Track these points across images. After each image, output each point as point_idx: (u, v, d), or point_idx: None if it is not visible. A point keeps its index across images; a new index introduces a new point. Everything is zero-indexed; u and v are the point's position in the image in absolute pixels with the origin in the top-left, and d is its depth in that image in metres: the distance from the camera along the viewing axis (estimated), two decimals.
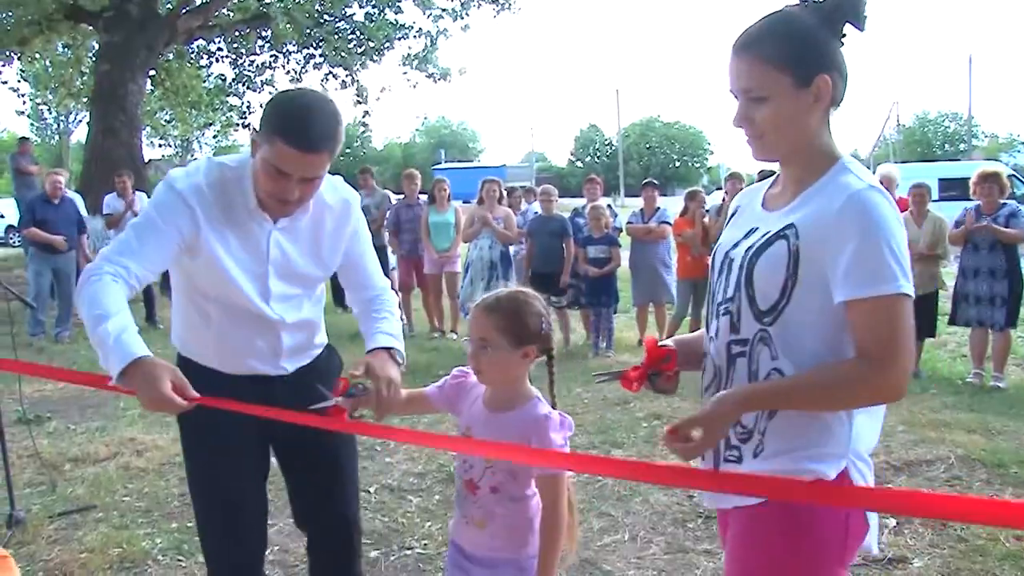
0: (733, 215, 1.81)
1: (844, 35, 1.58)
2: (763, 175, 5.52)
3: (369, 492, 4.20)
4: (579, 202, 9.12)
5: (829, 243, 1.49)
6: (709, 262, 1.80)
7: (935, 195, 7.03)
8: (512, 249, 8.30)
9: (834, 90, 1.56)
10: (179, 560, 3.44)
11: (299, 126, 1.89)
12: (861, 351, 1.48)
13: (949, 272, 7.20)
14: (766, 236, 1.59)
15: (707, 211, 8.00)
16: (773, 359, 1.56)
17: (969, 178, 6.75)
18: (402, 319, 9.12)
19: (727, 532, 1.71)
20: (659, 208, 8.18)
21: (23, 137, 14.64)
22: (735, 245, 1.67)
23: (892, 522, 3.71)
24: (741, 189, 5.19)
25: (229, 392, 1.98)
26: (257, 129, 1.98)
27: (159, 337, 6.24)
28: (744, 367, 1.60)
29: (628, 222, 8.30)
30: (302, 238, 2.15)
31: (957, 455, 4.65)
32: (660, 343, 1.77)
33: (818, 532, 1.54)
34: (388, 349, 2.09)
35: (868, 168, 1.86)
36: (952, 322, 6.70)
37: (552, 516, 1.93)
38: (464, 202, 10.82)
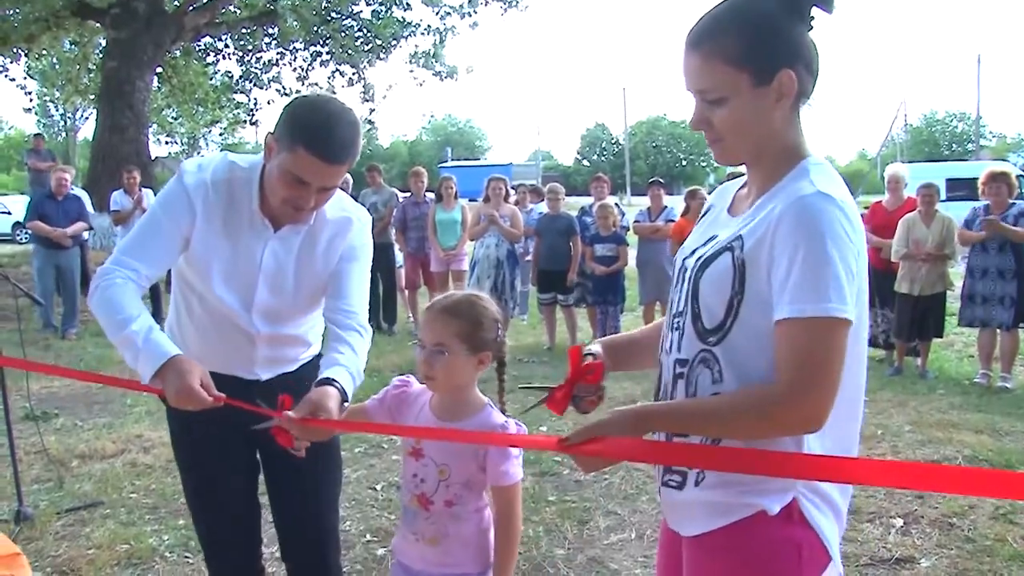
0: (704, 214, 1.64)
1: (812, 18, 1.39)
2: None
3: (376, 489, 4.21)
4: (585, 201, 9.12)
5: (771, 255, 1.33)
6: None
7: (943, 195, 6.99)
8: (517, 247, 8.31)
9: (800, 84, 1.38)
10: (186, 556, 3.46)
11: (324, 136, 1.86)
12: (777, 376, 1.31)
13: (957, 273, 7.17)
14: (716, 247, 1.44)
15: None
16: (714, 383, 1.40)
17: (977, 178, 6.73)
18: (409, 318, 9.17)
19: (671, 553, 1.58)
20: (666, 207, 8.22)
21: (37, 134, 14.69)
22: (692, 252, 1.52)
23: (899, 522, 3.70)
24: None
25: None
26: (274, 133, 1.94)
27: None
28: (682, 391, 1.46)
29: (635, 221, 8.33)
30: (298, 251, 2.10)
31: (964, 455, 4.65)
32: (585, 351, 1.64)
33: (770, 564, 1.39)
34: (332, 383, 1.88)
35: (876, 168, 1.77)
36: (964, 323, 6.63)
37: (507, 526, 1.90)
38: (470, 200, 10.83)
